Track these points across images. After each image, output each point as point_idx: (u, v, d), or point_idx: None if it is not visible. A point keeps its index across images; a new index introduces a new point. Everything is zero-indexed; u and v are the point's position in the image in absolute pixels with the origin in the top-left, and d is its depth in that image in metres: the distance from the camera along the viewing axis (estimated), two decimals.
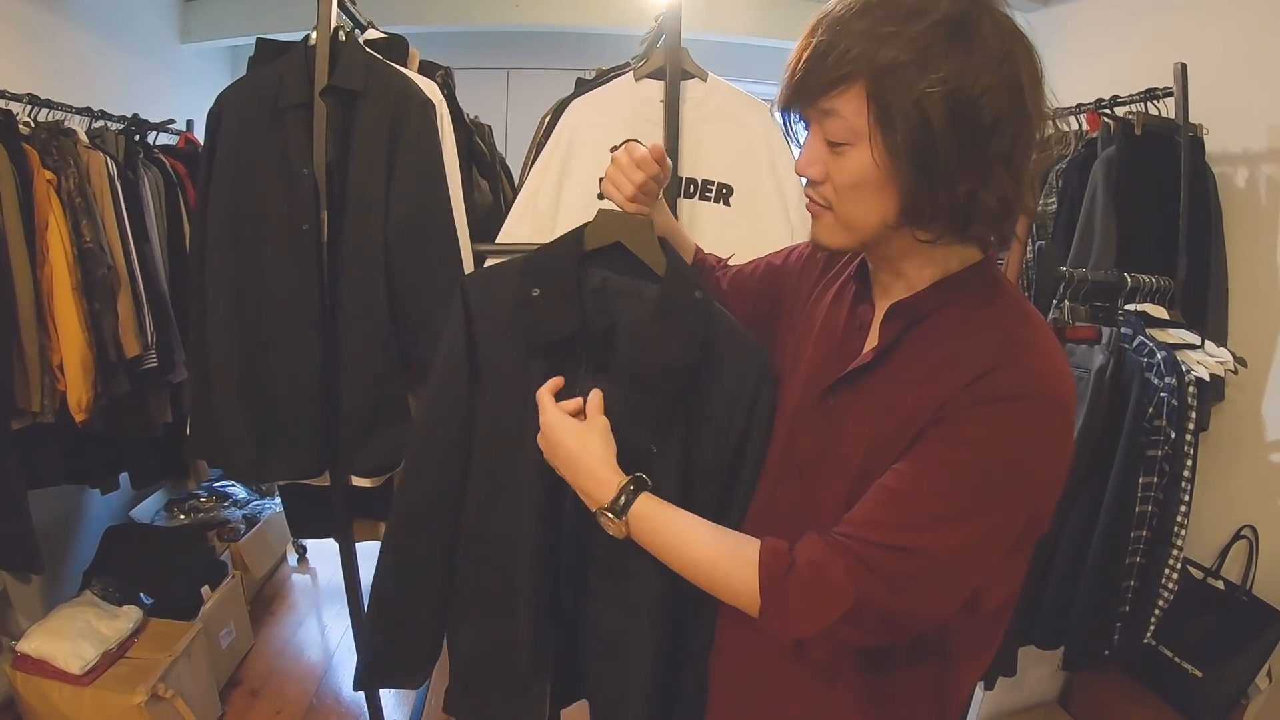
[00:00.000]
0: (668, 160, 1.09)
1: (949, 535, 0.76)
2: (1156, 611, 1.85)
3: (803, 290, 1.06)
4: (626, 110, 1.60)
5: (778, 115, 0.86)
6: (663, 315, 1.04)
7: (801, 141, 0.85)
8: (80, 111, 2.29)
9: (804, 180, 0.86)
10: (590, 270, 1.10)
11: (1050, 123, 0.80)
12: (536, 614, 1.14)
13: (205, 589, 2.44)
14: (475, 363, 1.12)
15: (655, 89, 1.59)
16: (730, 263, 1.28)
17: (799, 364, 1.00)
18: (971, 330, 0.82)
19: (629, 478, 0.95)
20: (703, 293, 1.07)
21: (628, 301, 1.09)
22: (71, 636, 2.05)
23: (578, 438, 0.97)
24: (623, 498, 0.93)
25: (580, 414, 1.01)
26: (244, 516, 3.00)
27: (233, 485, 3.14)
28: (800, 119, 0.84)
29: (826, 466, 0.90)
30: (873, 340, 0.91)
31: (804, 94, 0.80)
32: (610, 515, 0.94)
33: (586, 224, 1.11)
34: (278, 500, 3.00)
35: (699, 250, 1.26)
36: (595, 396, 1.01)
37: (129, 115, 2.47)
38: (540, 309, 1.06)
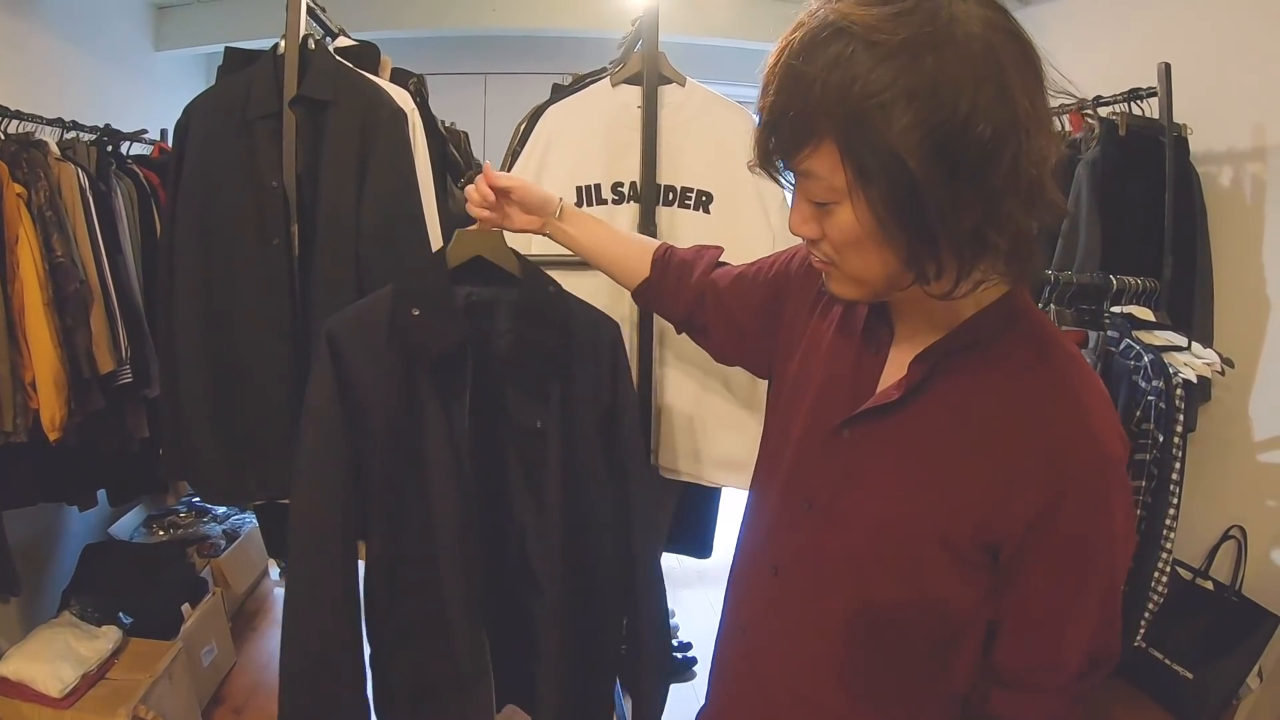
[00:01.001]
0: (510, 183, 1.17)
1: (1115, 609, 0.81)
2: (1146, 615, 1.84)
3: (806, 299, 0.99)
4: (603, 116, 1.57)
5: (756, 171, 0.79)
6: (526, 313, 1.22)
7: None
8: (51, 122, 2.26)
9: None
10: (456, 287, 1.24)
11: (1054, 130, 0.71)
12: (470, 620, 1.24)
13: (186, 607, 2.41)
14: (351, 405, 1.19)
15: (632, 94, 1.56)
16: (723, 259, 1.21)
17: (805, 384, 0.94)
18: (1016, 381, 0.77)
19: None
20: (555, 287, 1.25)
21: (494, 307, 1.26)
22: (50, 659, 2.01)
23: None
24: None
25: None
26: (224, 532, 2.96)
27: None
28: (783, 170, 0.76)
29: (842, 502, 0.86)
30: (891, 373, 0.85)
31: (777, 155, 0.73)
32: None
33: (445, 246, 1.24)
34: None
35: (665, 247, 1.22)
36: None
37: (101, 125, 2.43)
38: (424, 326, 1.16)
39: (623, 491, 1.32)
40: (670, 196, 1.59)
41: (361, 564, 1.27)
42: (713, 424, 1.63)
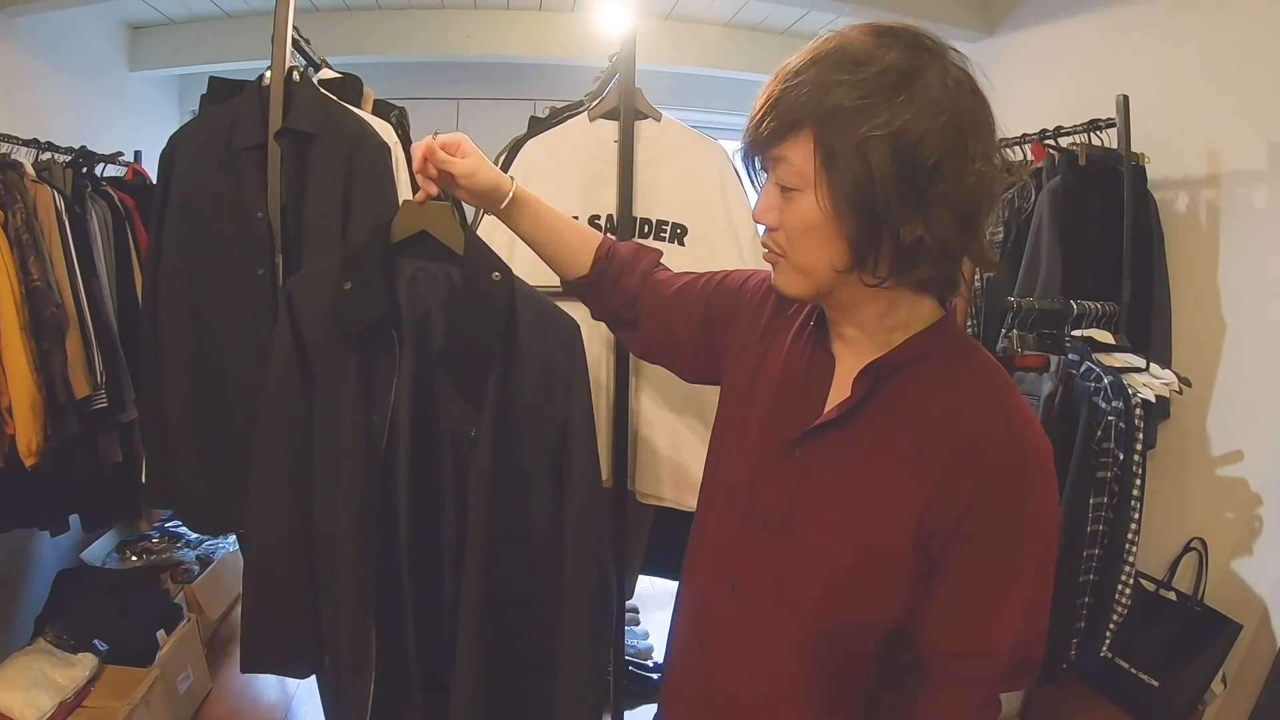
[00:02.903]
0: (457, 169, 1.09)
1: (1042, 608, 0.86)
2: (1111, 626, 1.89)
3: (757, 325, 1.06)
4: (581, 150, 1.61)
5: (739, 162, 0.90)
6: (465, 298, 1.14)
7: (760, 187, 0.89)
8: (27, 143, 2.24)
9: (762, 228, 0.89)
10: (403, 261, 1.17)
11: (996, 172, 0.82)
12: (355, 607, 1.17)
13: (161, 633, 2.39)
14: (307, 364, 1.18)
15: (610, 129, 1.60)
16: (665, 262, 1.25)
17: (755, 406, 0.99)
18: (947, 391, 0.86)
19: None
20: (502, 273, 1.15)
21: (438, 287, 1.17)
22: (26, 687, 2.00)
23: None
24: None
25: None
26: (197, 557, 2.94)
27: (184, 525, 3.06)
28: (760, 168, 0.87)
29: (797, 520, 0.91)
30: (836, 393, 0.92)
31: (760, 143, 0.84)
32: None
33: (393, 217, 1.17)
34: (231, 539, 2.94)
35: (608, 247, 1.20)
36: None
37: (76, 146, 2.41)
38: (350, 301, 1.13)
39: (561, 521, 1.22)
40: (646, 229, 1.62)
41: None
42: (689, 449, 1.65)
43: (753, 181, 0.91)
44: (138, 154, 2.87)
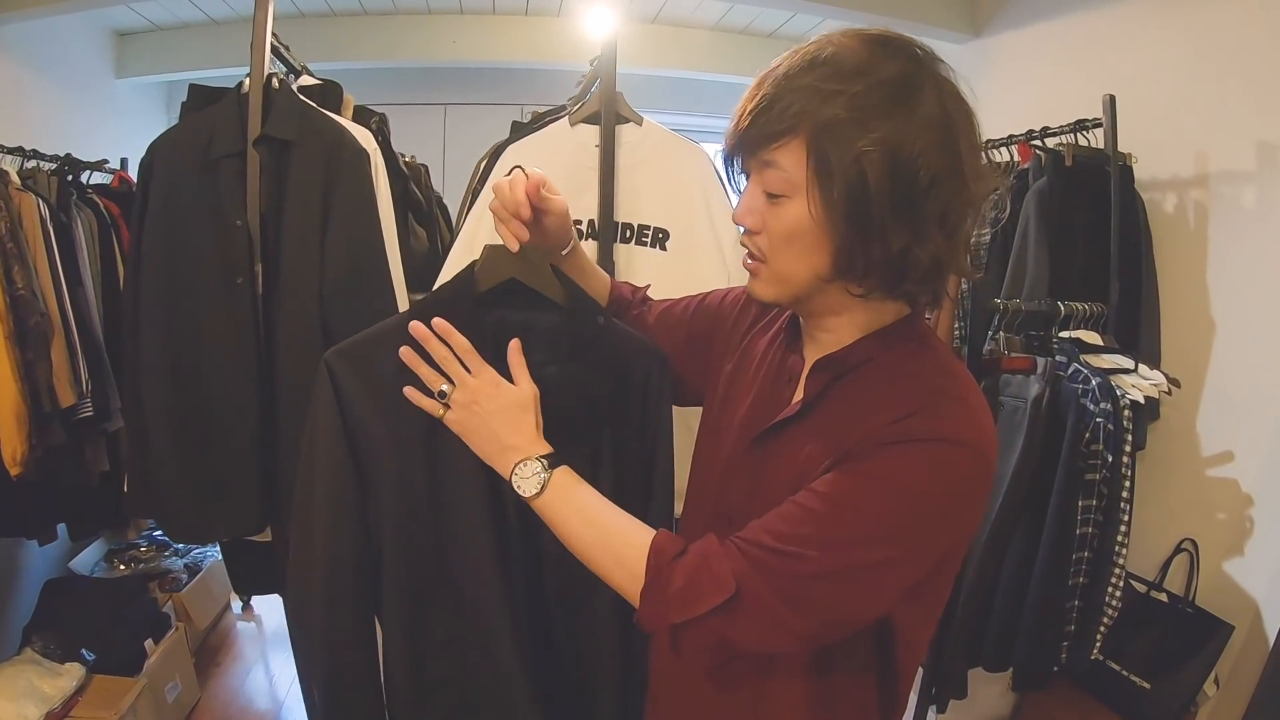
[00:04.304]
0: (553, 207, 1.03)
1: (840, 556, 0.78)
2: (1101, 629, 1.88)
3: (735, 336, 1.07)
4: (563, 156, 1.60)
5: (719, 162, 0.88)
6: (577, 349, 1.02)
7: (741, 190, 0.87)
8: (12, 151, 2.24)
9: (741, 229, 0.88)
10: (485, 313, 1.03)
11: (984, 188, 0.82)
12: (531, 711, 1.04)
13: (148, 642, 2.39)
14: (357, 457, 1.00)
15: (591, 134, 1.59)
16: (650, 294, 1.26)
17: (733, 411, 1.00)
18: (893, 382, 0.84)
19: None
20: (604, 317, 1.07)
21: (537, 340, 1.02)
22: (14, 697, 1.99)
23: (510, 397, 0.95)
24: (548, 459, 0.93)
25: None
26: (185, 566, 2.94)
27: None
28: (742, 169, 0.86)
29: (752, 514, 0.90)
30: (800, 392, 0.92)
31: (747, 145, 0.82)
32: (539, 471, 0.92)
33: (474, 263, 1.03)
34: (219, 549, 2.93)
35: (615, 292, 1.23)
36: (515, 350, 0.97)
37: (62, 154, 2.40)
38: None
39: None
40: (628, 234, 1.61)
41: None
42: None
43: (731, 182, 0.89)
44: (124, 161, 2.86)
